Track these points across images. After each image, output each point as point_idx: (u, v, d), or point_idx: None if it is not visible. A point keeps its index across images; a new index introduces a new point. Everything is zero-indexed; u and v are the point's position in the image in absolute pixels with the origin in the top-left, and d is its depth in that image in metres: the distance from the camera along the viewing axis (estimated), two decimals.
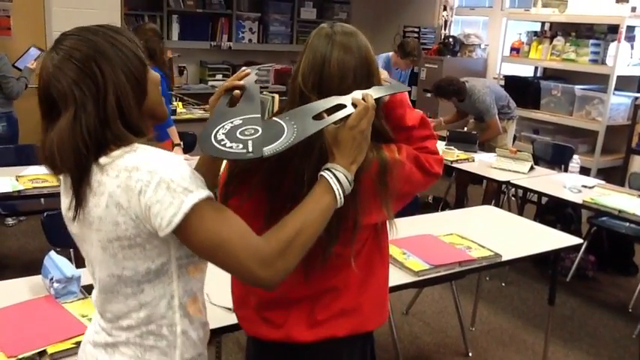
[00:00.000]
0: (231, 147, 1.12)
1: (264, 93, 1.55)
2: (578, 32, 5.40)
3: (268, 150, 1.12)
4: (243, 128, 1.17)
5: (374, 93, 1.30)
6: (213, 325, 1.78)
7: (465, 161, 4.37)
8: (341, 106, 1.25)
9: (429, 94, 6.28)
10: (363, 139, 1.24)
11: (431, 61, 6.55)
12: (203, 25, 6.82)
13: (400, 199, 1.46)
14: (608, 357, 3.32)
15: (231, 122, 1.20)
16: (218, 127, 1.18)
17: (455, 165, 4.34)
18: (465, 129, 5.09)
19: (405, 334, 3.38)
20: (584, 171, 4.62)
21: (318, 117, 1.24)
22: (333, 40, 1.37)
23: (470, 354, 3.24)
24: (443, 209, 5.11)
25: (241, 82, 1.34)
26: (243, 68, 1.42)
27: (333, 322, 1.45)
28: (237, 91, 1.32)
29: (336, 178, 1.22)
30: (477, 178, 4.75)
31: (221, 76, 6.95)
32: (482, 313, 3.65)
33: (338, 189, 1.22)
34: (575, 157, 4.38)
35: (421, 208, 3.36)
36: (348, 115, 1.23)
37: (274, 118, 1.22)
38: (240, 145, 1.13)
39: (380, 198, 1.39)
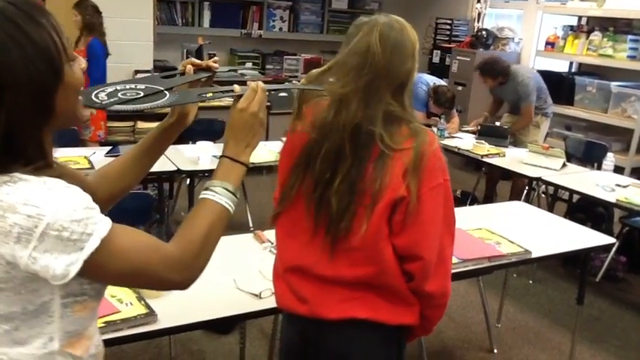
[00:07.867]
0: (97, 98, 1.10)
1: (294, 82, 1.58)
2: (616, 27, 5.25)
3: (117, 105, 1.09)
4: (127, 90, 1.15)
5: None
6: (238, 310, 1.80)
7: (495, 156, 4.31)
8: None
9: (460, 87, 6.22)
10: (256, 121, 1.16)
11: (463, 53, 6.46)
12: (234, 13, 6.83)
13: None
14: None
15: (124, 85, 1.17)
16: (109, 85, 1.15)
17: (485, 159, 4.28)
18: (498, 124, 5.02)
19: None
20: (618, 170, 4.51)
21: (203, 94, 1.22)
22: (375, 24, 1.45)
23: (495, 350, 3.21)
24: (471, 204, 5.05)
25: (205, 64, 1.29)
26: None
27: (354, 303, 1.47)
28: (189, 67, 1.27)
29: (217, 193, 1.10)
30: (508, 174, 4.67)
31: (251, 64, 6.96)
32: (508, 309, 3.60)
33: (226, 202, 1.10)
34: (610, 154, 4.28)
35: None
36: (239, 97, 1.17)
37: (165, 91, 1.18)
38: (106, 99, 1.10)
39: (407, 175, 1.40)
